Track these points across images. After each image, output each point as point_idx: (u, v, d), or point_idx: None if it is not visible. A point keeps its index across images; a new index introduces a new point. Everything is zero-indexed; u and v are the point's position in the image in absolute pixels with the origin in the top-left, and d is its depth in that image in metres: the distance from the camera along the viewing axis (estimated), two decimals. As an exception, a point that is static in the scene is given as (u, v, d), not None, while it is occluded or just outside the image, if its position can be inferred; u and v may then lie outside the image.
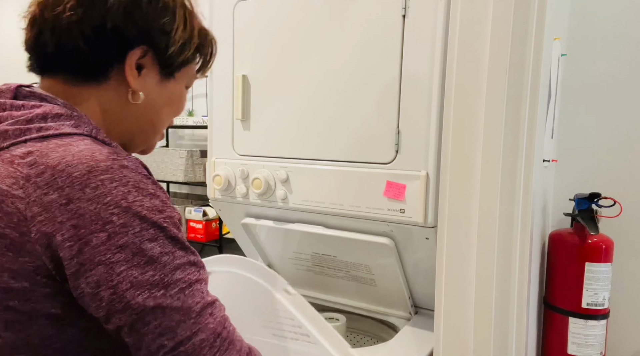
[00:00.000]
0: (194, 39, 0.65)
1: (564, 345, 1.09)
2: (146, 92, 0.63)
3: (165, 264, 0.52)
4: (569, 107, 1.29)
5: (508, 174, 0.87)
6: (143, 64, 0.62)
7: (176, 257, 0.54)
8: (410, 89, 1.05)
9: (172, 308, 0.52)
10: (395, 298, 1.30)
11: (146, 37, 0.61)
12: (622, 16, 1.22)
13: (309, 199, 1.19)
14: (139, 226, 0.51)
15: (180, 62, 0.65)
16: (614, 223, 1.10)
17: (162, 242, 0.53)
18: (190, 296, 0.54)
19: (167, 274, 0.52)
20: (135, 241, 0.51)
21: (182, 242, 0.56)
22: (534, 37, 0.84)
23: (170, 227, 0.55)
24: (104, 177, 0.51)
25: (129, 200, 0.51)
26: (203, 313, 0.54)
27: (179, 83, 0.67)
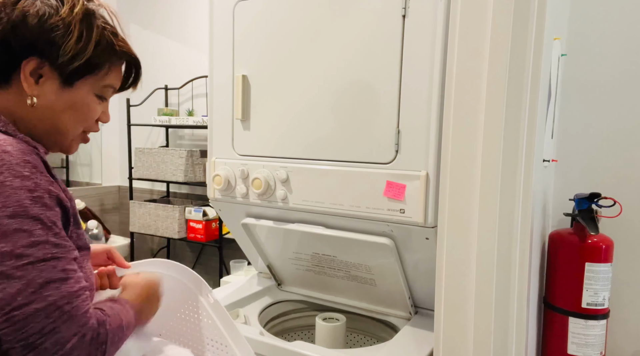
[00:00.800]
0: (86, 52, 0.71)
1: (564, 345, 1.09)
2: (44, 98, 0.71)
3: (18, 239, 0.59)
4: (569, 107, 1.29)
5: (508, 174, 0.87)
6: (42, 72, 0.70)
7: (33, 235, 0.60)
8: (410, 89, 1.05)
9: (16, 277, 0.58)
10: (395, 298, 1.30)
11: (34, 49, 0.68)
12: (622, 16, 1.22)
13: (309, 199, 1.19)
14: (2, 202, 0.59)
15: (75, 70, 0.71)
16: (614, 223, 1.10)
17: (21, 220, 0.60)
18: (37, 270, 0.59)
19: (19, 248, 0.59)
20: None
21: (45, 222, 0.62)
22: (534, 37, 0.84)
23: (34, 207, 0.61)
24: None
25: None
26: (46, 287, 0.59)
27: (82, 92, 0.73)
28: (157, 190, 2.92)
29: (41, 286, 0.59)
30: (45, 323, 0.58)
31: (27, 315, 0.58)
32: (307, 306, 1.46)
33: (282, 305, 1.46)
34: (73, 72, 0.71)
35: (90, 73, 0.73)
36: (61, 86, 0.71)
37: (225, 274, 2.28)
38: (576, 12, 1.27)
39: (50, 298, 0.59)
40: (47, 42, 0.68)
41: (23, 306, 0.58)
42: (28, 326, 0.57)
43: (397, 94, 1.06)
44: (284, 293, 1.50)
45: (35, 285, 0.59)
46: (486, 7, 0.85)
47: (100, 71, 0.74)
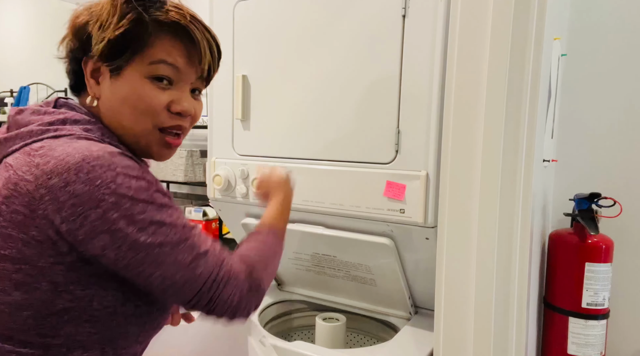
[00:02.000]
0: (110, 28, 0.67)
1: (564, 345, 1.09)
2: (104, 95, 0.70)
3: (156, 230, 0.62)
4: (569, 107, 1.29)
5: (508, 174, 0.87)
6: (99, 71, 0.70)
7: (155, 222, 0.63)
8: (410, 89, 1.05)
9: (179, 267, 0.64)
10: (395, 298, 1.30)
11: (82, 47, 0.70)
12: (622, 16, 1.22)
13: (309, 199, 1.19)
14: (129, 202, 0.61)
15: (111, 55, 0.68)
16: (614, 223, 1.10)
17: (152, 212, 0.62)
18: (181, 252, 0.64)
19: (157, 236, 0.62)
20: (127, 214, 0.60)
21: (172, 206, 0.65)
22: (534, 37, 0.84)
23: (157, 198, 0.64)
24: (95, 163, 0.60)
25: (117, 182, 0.60)
26: (195, 263, 0.65)
27: (132, 79, 0.68)
28: (157, 190, 2.91)
29: (197, 260, 0.65)
30: (219, 288, 0.67)
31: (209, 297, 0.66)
32: (307, 306, 1.46)
33: (282, 305, 1.46)
34: (111, 56, 0.67)
35: (128, 54, 0.67)
36: (112, 79, 0.69)
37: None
38: (576, 12, 1.27)
39: (207, 271, 0.66)
40: (86, 36, 0.69)
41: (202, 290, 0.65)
42: (212, 296, 0.66)
43: (397, 94, 1.06)
44: (284, 293, 1.50)
45: (195, 266, 0.65)
46: (486, 7, 0.85)
47: (138, 47, 0.67)
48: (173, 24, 0.68)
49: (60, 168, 0.59)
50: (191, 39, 0.70)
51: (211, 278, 0.66)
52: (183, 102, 0.71)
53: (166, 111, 0.70)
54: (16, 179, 0.61)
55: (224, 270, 0.67)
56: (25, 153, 0.63)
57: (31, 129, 0.65)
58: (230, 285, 0.67)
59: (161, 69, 0.69)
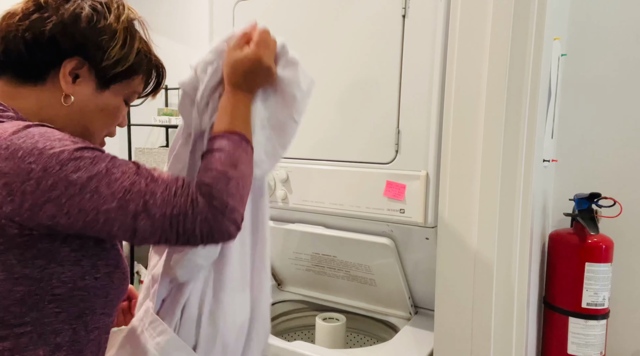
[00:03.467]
0: (130, 58, 0.73)
1: (564, 345, 1.09)
2: (79, 98, 0.72)
3: (98, 183, 0.62)
4: (569, 107, 1.29)
5: (508, 174, 0.87)
6: (80, 73, 0.71)
7: (104, 172, 0.63)
8: (410, 89, 1.05)
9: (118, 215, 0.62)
10: (395, 298, 1.30)
11: (82, 50, 0.70)
12: (622, 16, 1.22)
13: (309, 199, 1.19)
14: (58, 165, 0.60)
15: (114, 75, 0.73)
16: (614, 223, 1.10)
17: (86, 167, 0.62)
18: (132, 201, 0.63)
19: (104, 187, 0.62)
20: (62, 177, 0.60)
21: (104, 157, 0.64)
22: (534, 37, 0.84)
23: (85, 152, 0.63)
24: (12, 137, 0.60)
25: (39, 147, 0.60)
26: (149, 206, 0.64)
27: (115, 96, 0.76)
28: (157, 190, 2.92)
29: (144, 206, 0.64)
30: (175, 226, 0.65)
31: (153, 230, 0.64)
32: (307, 306, 1.46)
33: (282, 305, 1.46)
34: (113, 77, 0.73)
35: (127, 79, 0.75)
36: (96, 88, 0.73)
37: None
38: (576, 12, 1.27)
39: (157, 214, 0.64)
40: (94, 45, 0.70)
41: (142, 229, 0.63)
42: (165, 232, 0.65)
43: (397, 94, 1.06)
44: (284, 293, 1.50)
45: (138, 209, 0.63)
46: (486, 7, 0.85)
47: (135, 77, 0.77)
48: (156, 65, 0.80)
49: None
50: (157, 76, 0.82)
51: (167, 218, 0.64)
52: (125, 118, 0.83)
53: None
54: None
55: (179, 205, 0.65)
56: None
57: None
58: (191, 218, 0.65)
59: (134, 97, 0.80)
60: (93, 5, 0.71)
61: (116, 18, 0.72)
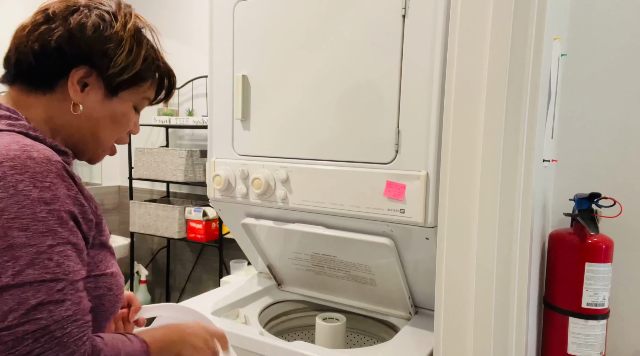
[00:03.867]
0: (136, 65, 0.74)
1: (564, 345, 1.09)
2: (88, 106, 0.73)
3: (22, 255, 0.57)
4: (569, 107, 1.29)
5: (508, 174, 0.87)
6: (88, 81, 0.72)
7: (38, 251, 0.58)
8: (410, 89, 1.05)
9: (10, 293, 0.56)
10: (395, 298, 1.30)
11: (88, 58, 0.71)
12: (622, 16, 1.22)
13: (309, 199, 1.19)
14: (16, 212, 0.58)
15: (121, 83, 0.74)
16: (614, 223, 1.10)
17: (32, 234, 0.58)
18: (34, 290, 0.57)
19: (20, 265, 0.57)
20: (5, 225, 0.57)
21: (54, 238, 0.60)
22: (534, 37, 0.84)
23: (47, 221, 0.60)
24: (8, 164, 0.59)
25: (18, 188, 0.58)
26: (40, 309, 0.57)
27: (124, 103, 0.77)
28: (157, 190, 2.92)
29: (34, 307, 0.57)
30: (33, 346, 0.56)
31: (16, 336, 0.56)
32: (307, 306, 1.46)
33: (282, 305, 1.46)
34: (120, 84, 0.74)
35: (135, 86, 0.76)
36: (105, 96, 0.74)
37: (225, 274, 2.28)
38: (576, 12, 1.27)
39: (41, 322, 0.57)
40: (100, 53, 0.71)
41: (13, 326, 0.56)
42: (17, 348, 0.56)
43: (397, 94, 1.06)
44: (284, 293, 1.50)
45: (28, 306, 0.57)
46: (486, 7, 0.85)
47: (144, 84, 0.78)
48: (166, 71, 0.81)
49: None
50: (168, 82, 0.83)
51: (45, 331, 0.57)
52: (138, 126, 0.84)
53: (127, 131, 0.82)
54: None
55: (68, 330, 0.59)
56: None
57: None
58: (63, 349, 0.58)
59: (145, 104, 0.81)
60: (100, 14, 0.72)
61: (123, 26, 0.73)
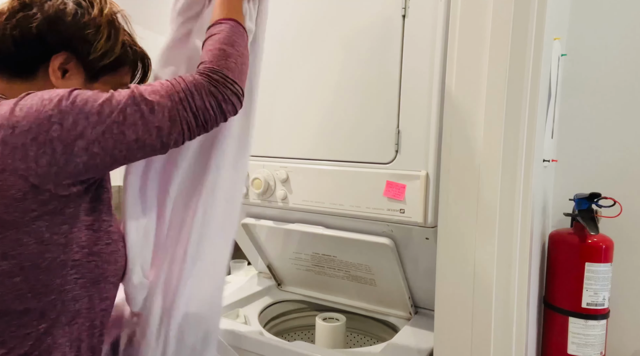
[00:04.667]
0: (115, 50, 0.76)
1: (564, 345, 1.09)
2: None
3: (108, 106, 0.66)
4: (569, 107, 1.29)
5: (508, 174, 0.87)
6: (68, 67, 0.74)
7: (104, 102, 0.66)
8: (410, 89, 1.05)
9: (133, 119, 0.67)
10: (395, 298, 1.30)
11: (68, 44, 0.73)
12: (622, 16, 1.22)
13: (309, 199, 1.19)
14: (69, 104, 0.64)
15: (101, 67, 0.76)
16: (614, 223, 1.11)
17: (93, 98, 0.66)
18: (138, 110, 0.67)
19: (114, 109, 0.66)
20: (77, 111, 0.64)
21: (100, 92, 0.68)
22: (534, 37, 0.84)
23: (86, 91, 0.67)
24: (20, 101, 0.64)
25: (46, 98, 0.64)
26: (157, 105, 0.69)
27: (104, 87, 0.77)
28: (157, 190, 2.91)
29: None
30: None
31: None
32: (307, 306, 1.46)
33: (282, 305, 1.46)
34: (100, 69, 0.76)
35: (113, 71, 0.78)
36: (85, 81, 0.76)
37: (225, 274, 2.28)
38: (576, 12, 1.27)
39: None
40: (80, 39, 0.73)
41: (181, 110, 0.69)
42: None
43: (397, 94, 1.06)
44: (284, 293, 1.50)
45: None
46: (486, 7, 0.85)
47: (123, 69, 0.80)
48: (141, 56, 0.84)
49: (0, 121, 0.63)
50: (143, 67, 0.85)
51: (179, 103, 0.69)
52: None
53: None
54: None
55: (182, 89, 0.70)
56: None
57: None
58: (197, 95, 0.70)
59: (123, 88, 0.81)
60: (77, 1, 0.74)
61: (99, 12, 0.74)
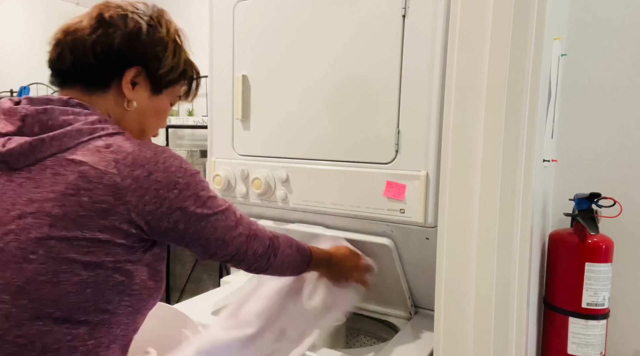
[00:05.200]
0: (180, 66, 0.84)
1: (564, 345, 1.09)
2: (138, 102, 0.81)
3: (211, 202, 0.79)
4: (569, 107, 1.29)
5: (508, 174, 0.87)
6: (137, 81, 0.80)
7: (211, 197, 0.79)
8: (410, 89, 1.05)
9: (220, 225, 0.80)
10: (395, 298, 1.30)
11: (142, 60, 0.79)
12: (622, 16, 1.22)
13: (309, 199, 1.19)
14: (194, 182, 0.76)
15: (167, 81, 0.83)
16: (614, 223, 1.10)
17: (206, 190, 0.78)
18: (226, 219, 0.81)
19: (213, 208, 0.79)
20: (194, 192, 0.76)
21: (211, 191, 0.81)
22: (534, 37, 0.84)
23: (203, 180, 0.80)
24: (166, 155, 0.74)
25: (183, 167, 0.75)
26: (238, 227, 0.84)
27: (165, 99, 0.86)
28: (157, 190, 2.91)
29: (235, 228, 0.84)
30: (246, 244, 0.86)
31: (247, 256, 0.87)
32: (307, 306, 1.46)
33: (282, 304, 1.45)
34: (165, 82, 0.83)
35: (175, 84, 0.85)
36: (151, 93, 0.83)
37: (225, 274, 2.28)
38: (576, 12, 1.27)
39: (253, 246, 0.88)
40: (152, 55, 0.80)
41: (242, 253, 0.86)
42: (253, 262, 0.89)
43: (397, 94, 1.06)
44: (284, 293, 1.49)
45: (233, 230, 0.84)
46: (486, 7, 0.85)
47: (182, 83, 0.87)
48: (196, 71, 0.90)
49: (141, 161, 0.71)
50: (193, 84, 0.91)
51: (248, 259, 0.87)
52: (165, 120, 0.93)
53: None
54: (98, 173, 0.69)
55: (257, 261, 0.89)
56: (94, 150, 0.72)
57: (80, 128, 0.73)
58: (257, 263, 0.89)
59: (177, 100, 0.90)
60: (148, 20, 0.80)
61: (167, 30, 0.82)
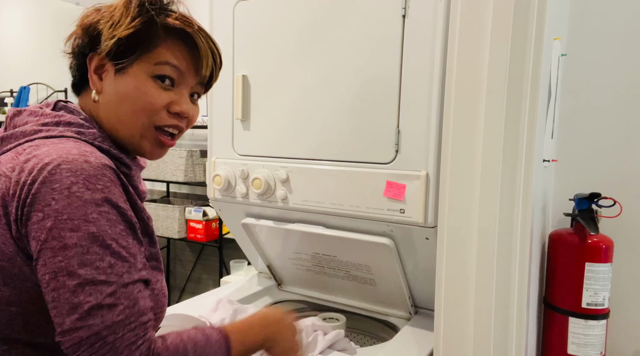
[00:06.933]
0: (122, 28, 0.69)
1: (564, 345, 1.09)
2: (105, 91, 0.72)
3: (74, 255, 0.58)
4: (569, 107, 1.29)
5: (508, 174, 0.87)
6: (104, 69, 0.72)
7: (89, 252, 0.59)
8: (410, 89, 1.05)
9: (64, 299, 0.58)
10: (395, 298, 1.30)
11: (96, 43, 0.71)
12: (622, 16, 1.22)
13: (309, 199, 1.19)
14: (67, 214, 0.58)
15: (119, 54, 0.70)
16: (614, 223, 1.10)
17: (81, 235, 0.58)
18: (85, 294, 0.58)
19: (73, 266, 0.58)
20: (58, 227, 0.58)
21: (104, 239, 0.60)
22: (534, 37, 0.84)
23: (97, 222, 0.60)
24: (65, 167, 0.59)
25: (72, 190, 0.59)
26: (92, 314, 0.57)
27: (136, 77, 0.71)
28: (157, 190, 2.92)
29: (87, 312, 0.57)
30: (90, 352, 0.57)
31: (73, 343, 0.57)
32: (307, 306, 1.46)
33: (282, 305, 1.46)
34: (119, 55, 0.69)
35: (136, 54, 0.70)
36: (116, 75, 0.71)
37: (225, 274, 2.28)
38: (576, 12, 1.27)
39: (94, 328, 0.57)
40: (96, 33, 0.71)
41: (70, 331, 0.57)
42: (77, 352, 0.58)
43: (397, 94, 1.06)
44: (284, 293, 1.50)
45: (82, 311, 0.57)
46: (486, 7, 0.85)
47: (147, 47, 0.70)
48: (181, 31, 0.73)
49: (33, 166, 0.60)
50: (195, 46, 0.74)
51: (98, 337, 0.58)
52: (182, 103, 0.74)
53: (165, 111, 0.73)
54: (2, 176, 0.62)
55: (120, 334, 0.59)
56: (15, 152, 0.65)
57: (25, 130, 0.67)
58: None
59: (166, 69, 0.72)
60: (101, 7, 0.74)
61: (111, 5, 0.72)
